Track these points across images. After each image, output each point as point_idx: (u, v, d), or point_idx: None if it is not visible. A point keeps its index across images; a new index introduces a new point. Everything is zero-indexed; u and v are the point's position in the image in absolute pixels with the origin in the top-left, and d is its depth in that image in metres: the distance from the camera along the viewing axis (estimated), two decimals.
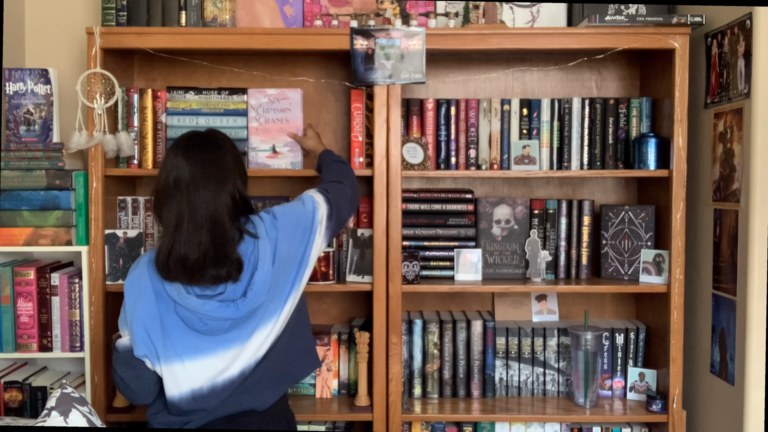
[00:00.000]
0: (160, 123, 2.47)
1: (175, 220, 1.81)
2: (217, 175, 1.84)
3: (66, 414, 1.85)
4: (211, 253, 1.80)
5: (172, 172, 1.83)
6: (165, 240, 1.83)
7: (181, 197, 1.81)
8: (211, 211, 1.81)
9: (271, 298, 1.89)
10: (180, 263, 1.79)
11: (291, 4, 2.52)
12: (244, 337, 1.88)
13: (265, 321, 1.90)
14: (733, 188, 2.25)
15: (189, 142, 1.89)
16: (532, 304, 2.69)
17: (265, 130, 2.46)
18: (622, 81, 2.68)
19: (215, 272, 1.81)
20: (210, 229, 1.80)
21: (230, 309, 1.84)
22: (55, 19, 2.68)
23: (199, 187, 1.81)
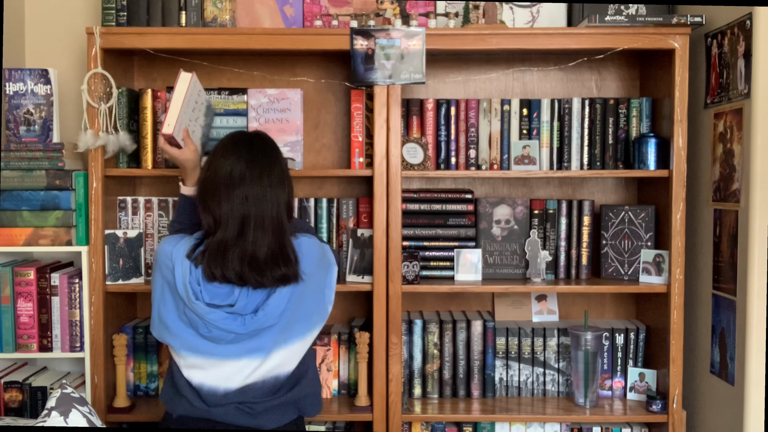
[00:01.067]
0: (160, 123, 2.47)
1: (239, 218, 1.81)
2: (276, 176, 1.87)
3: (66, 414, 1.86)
4: (278, 252, 1.82)
5: (229, 172, 1.83)
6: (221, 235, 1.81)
7: (242, 195, 1.82)
8: (275, 212, 1.84)
9: (282, 326, 1.88)
10: (248, 262, 1.80)
11: (291, 4, 2.52)
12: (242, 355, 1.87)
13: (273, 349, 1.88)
14: (733, 188, 2.25)
15: (248, 141, 1.90)
16: (532, 304, 2.69)
17: (265, 130, 2.46)
18: (622, 81, 2.69)
19: (282, 271, 1.82)
20: (273, 230, 1.83)
21: (237, 322, 1.84)
22: (55, 19, 2.68)
23: (265, 188, 1.83)
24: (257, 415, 1.91)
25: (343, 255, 2.53)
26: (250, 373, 1.89)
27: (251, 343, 1.87)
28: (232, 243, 1.81)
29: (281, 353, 1.90)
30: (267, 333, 1.87)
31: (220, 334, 1.85)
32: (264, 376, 1.90)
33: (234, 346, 1.87)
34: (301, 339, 1.93)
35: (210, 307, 1.83)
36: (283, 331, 1.89)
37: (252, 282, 1.82)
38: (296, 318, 1.91)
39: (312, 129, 2.68)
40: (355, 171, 2.46)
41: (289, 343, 1.90)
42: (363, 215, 2.54)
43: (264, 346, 1.88)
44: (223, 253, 1.81)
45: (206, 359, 1.88)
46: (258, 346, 1.87)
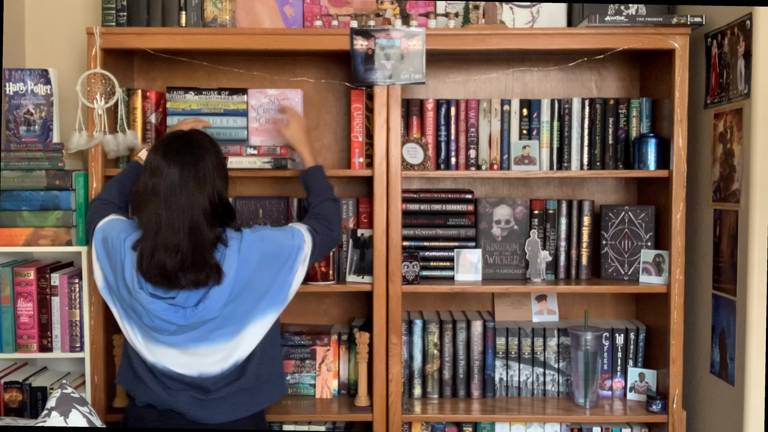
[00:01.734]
0: (149, 123, 2.47)
1: (156, 224, 1.82)
2: (196, 178, 1.84)
3: (66, 414, 1.86)
4: (189, 258, 1.81)
5: (150, 176, 1.84)
6: (145, 245, 1.84)
7: (159, 201, 1.82)
8: (190, 216, 1.81)
9: (226, 320, 1.89)
10: (158, 270, 1.81)
11: (291, 5, 2.52)
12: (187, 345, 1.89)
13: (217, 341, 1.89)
14: (733, 188, 2.25)
15: (169, 145, 1.89)
16: (532, 304, 2.69)
17: (265, 130, 2.46)
18: (622, 81, 2.69)
19: (194, 276, 1.82)
20: (188, 234, 1.81)
21: (179, 314, 1.85)
22: (55, 19, 2.68)
23: (177, 192, 1.82)
24: (209, 407, 1.93)
25: (343, 255, 2.53)
26: (197, 363, 1.91)
27: (195, 334, 1.88)
28: (149, 249, 1.82)
29: (229, 344, 1.91)
30: (210, 325, 1.88)
31: (161, 325, 1.87)
32: (212, 367, 1.91)
33: (177, 337, 1.89)
34: (249, 327, 1.93)
35: (152, 297, 1.85)
36: (227, 322, 1.89)
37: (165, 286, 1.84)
38: (243, 309, 1.91)
39: (312, 129, 2.68)
40: (355, 171, 2.46)
41: (235, 333, 1.91)
42: (363, 215, 2.54)
43: (207, 337, 1.89)
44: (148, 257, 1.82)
45: (153, 345, 1.91)
46: (202, 337, 1.89)
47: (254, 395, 1.98)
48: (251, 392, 1.98)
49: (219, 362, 1.92)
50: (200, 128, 2.19)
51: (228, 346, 1.91)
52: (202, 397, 1.93)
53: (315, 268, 2.45)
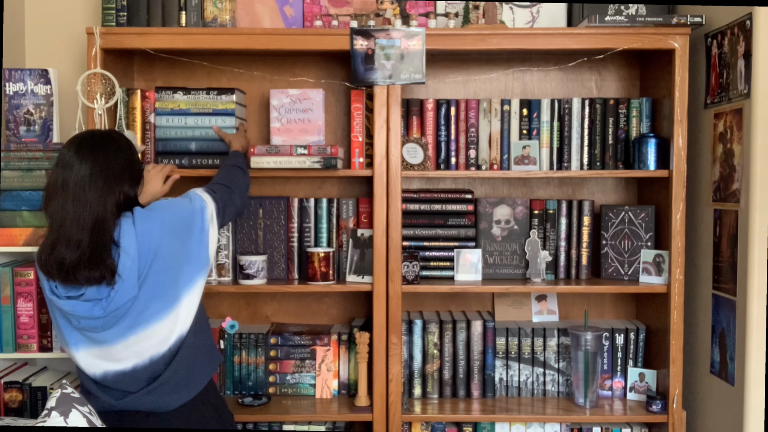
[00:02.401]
0: (149, 123, 2.47)
1: (60, 218, 1.82)
2: (105, 177, 1.83)
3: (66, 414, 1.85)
4: (87, 254, 1.80)
5: (62, 171, 1.84)
6: (47, 238, 1.84)
7: (67, 196, 1.81)
8: (96, 213, 1.81)
9: (151, 296, 1.87)
10: (56, 263, 1.81)
11: (291, 5, 2.52)
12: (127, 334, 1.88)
13: (153, 320, 1.88)
14: (733, 188, 2.25)
15: (83, 141, 1.88)
16: (532, 304, 2.69)
17: (287, 130, 2.46)
18: (622, 81, 2.69)
19: (88, 273, 1.81)
20: (91, 231, 1.81)
21: (97, 308, 1.85)
22: (55, 19, 2.68)
23: (85, 188, 1.81)
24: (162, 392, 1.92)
25: (343, 255, 2.54)
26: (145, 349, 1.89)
27: (127, 322, 1.87)
28: (50, 242, 1.82)
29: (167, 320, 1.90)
30: (136, 306, 1.86)
31: (87, 324, 1.86)
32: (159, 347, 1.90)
33: (111, 331, 1.87)
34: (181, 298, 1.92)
35: (67, 299, 1.85)
36: (154, 298, 1.88)
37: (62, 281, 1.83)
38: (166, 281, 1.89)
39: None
40: (355, 171, 2.46)
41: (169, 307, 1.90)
42: (363, 215, 2.54)
43: (140, 320, 1.87)
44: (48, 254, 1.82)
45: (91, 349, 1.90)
46: (135, 323, 1.87)
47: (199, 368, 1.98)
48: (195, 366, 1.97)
49: (164, 341, 1.90)
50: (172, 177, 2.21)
51: (167, 323, 1.90)
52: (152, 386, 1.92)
53: (315, 268, 2.45)
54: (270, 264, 2.52)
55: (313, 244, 2.55)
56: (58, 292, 1.86)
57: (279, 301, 2.73)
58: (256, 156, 2.36)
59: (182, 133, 2.46)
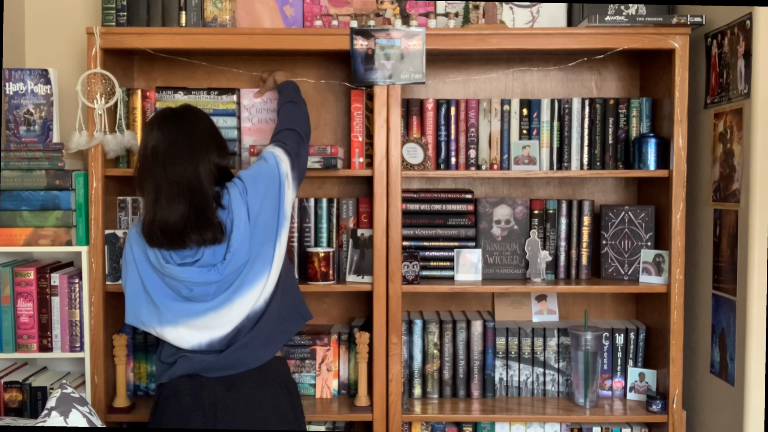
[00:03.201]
0: None
1: (155, 191, 1.88)
2: (190, 144, 1.91)
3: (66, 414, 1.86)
4: (192, 218, 1.86)
5: (148, 146, 1.92)
6: (148, 211, 1.89)
7: (158, 168, 1.88)
8: (188, 179, 1.87)
9: (256, 257, 1.95)
10: (160, 229, 1.86)
11: (291, 4, 2.52)
12: (233, 297, 1.94)
13: (255, 279, 1.95)
14: (733, 188, 2.25)
15: (164, 116, 1.97)
16: (532, 304, 2.69)
17: (258, 130, 2.46)
18: (622, 81, 2.69)
19: (199, 236, 1.87)
20: (188, 197, 1.87)
21: (212, 273, 1.91)
22: (55, 19, 2.68)
23: (174, 157, 1.89)
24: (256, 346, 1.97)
25: (343, 255, 2.53)
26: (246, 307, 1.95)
27: (236, 285, 1.94)
28: (151, 214, 1.88)
29: (264, 279, 1.97)
30: (246, 269, 1.94)
31: (201, 290, 1.91)
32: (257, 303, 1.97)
33: (220, 297, 1.93)
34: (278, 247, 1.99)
35: (181, 266, 1.90)
36: (257, 259, 1.96)
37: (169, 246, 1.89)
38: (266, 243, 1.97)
39: (312, 129, 2.67)
40: (355, 171, 2.46)
41: (267, 267, 1.97)
42: (363, 215, 2.54)
43: (245, 281, 1.94)
44: (150, 222, 1.88)
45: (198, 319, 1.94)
46: (241, 284, 1.94)
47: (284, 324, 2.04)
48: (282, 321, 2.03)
49: (260, 296, 1.96)
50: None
51: (263, 279, 1.97)
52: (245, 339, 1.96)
53: (315, 268, 2.45)
54: None
55: (313, 244, 2.55)
56: (172, 259, 1.91)
57: None
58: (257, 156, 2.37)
59: None
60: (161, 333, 1.97)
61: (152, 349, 2.56)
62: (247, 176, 2.01)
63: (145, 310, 1.97)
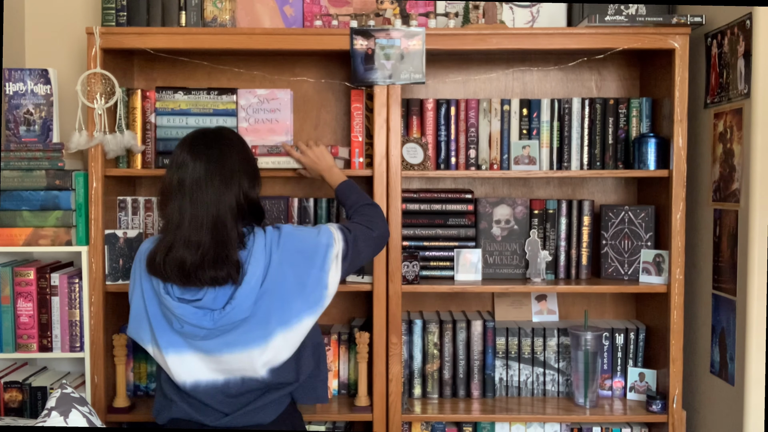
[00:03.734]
0: (149, 123, 2.48)
1: (178, 219, 1.78)
2: (221, 174, 1.80)
3: (66, 414, 1.86)
4: (210, 254, 1.76)
5: (176, 171, 1.81)
6: (165, 238, 1.80)
7: (183, 196, 1.79)
8: (214, 212, 1.78)
9: (258, 318, 1.83)
10: (176, 265, 1.77)
11: (291, 4, 2.52)
12: (221, 350, 1.83)
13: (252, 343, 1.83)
14: (733, 188, 2.25)
15: (195, 140, 1.86)
16: (532, 304, 2.69)
17: (254, 130, 2.46)
18: (622, 81, 2.69)
19: (214, 273, 1.77)
20: (211, 230, 1.77)
21: (206, 318, 1.80)
22: (55, 19, 2.68)
23: (202, 187, 1.78)
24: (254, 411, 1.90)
25: None
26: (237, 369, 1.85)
27: (228, 338, 1.82)
28: (167, 244, 1.79)
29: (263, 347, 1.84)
30: (242, 327, 1.82)
31: (191, 330, 1.81)
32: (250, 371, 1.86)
33: (209, 342, 1.83)
34: (285, 330, 1.85)
35: (179, 302, 1.81)
36: (259, 324, 1.83)
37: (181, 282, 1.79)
38: (273, 309, 1.84)
39: (312, 129, 2.68)
40: (355, 171, 2.45)
41: (272, 335, 1.84)
42: None
43: (240, 340, 1.83)
44: (164, 255, 1.79)
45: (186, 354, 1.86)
46: (234, 341, 1.83)
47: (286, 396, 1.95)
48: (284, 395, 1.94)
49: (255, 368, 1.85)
50: None
51: (257, 351, 1.84)
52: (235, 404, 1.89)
53: None
54: None
55: None
56: (172, 291, 1.81)
57: None
58: (257, 156, 2.36)
59: (183, 133, 2.45)
60: (155, 355, 1.90)
61: None
62: (287, 234, 1.88)
63: (145, 328, 1.90)
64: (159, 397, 1.97)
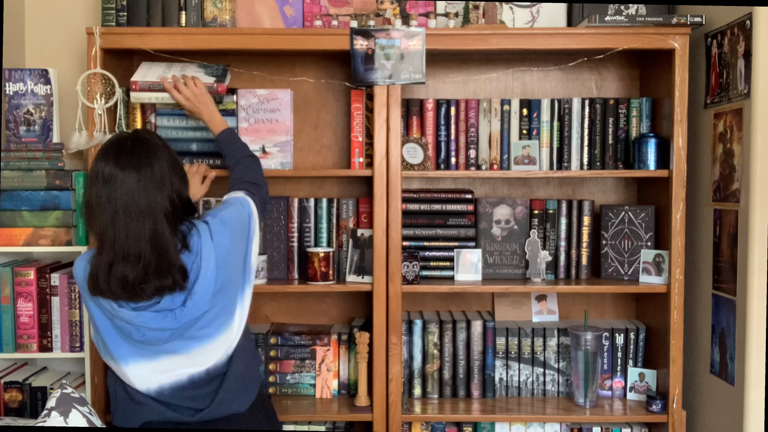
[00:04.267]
0: (149, 123, 2.48)
1: (113, 234, 1.72)
2: (153, 180, 1.74)
3: (66, 414, 1.86)
4: (153, 264, 1.73)
5: (104, 185, 1.73)
6: (102, 256, 1.74)
7: (115, 211, 1.72)
8: (151, 222, 1.73)
9: (217, 306, 1.84)
10: (119, 283, 1.73)
11: (291, 4, 2.52)
12: (189, 347, 1.84)
13: (215, 333, 1.85)
14: (733, 188, 2.25)
15: (119, 148, 1.78)
16: (532, 304, 2.69)
17: (255, 130, 2.46)
18: (622, 81, 2.69)
19: (159, 283, 1.74)
20: (150, 240, 1.73)
21: (168, 319, 1.78)
22: (55, 19, 2.68)
23: (135, 197, 1.72)
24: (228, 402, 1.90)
25: (343, 255, 2.53)
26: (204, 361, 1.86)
27: (193, 332, 1.82)
28: (106, 262, 1.73)
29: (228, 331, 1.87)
30: (204, 319, 1.82)
31: (154, 336, 1.79)
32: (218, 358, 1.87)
33: (175, 342, 1.82)
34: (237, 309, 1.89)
35: (136, 311, 1.77)
36: (221, 312, 1.85)
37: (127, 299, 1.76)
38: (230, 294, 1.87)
39: (312, 129, 2.68)
40: (355, 171, 2.46)
41: (230, 319, 1.87)
42: (363, 215, 2.54)
43: (205, 333, 1.84)
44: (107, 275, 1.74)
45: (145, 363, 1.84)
46: (202, 335, 1.83)
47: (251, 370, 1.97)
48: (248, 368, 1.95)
49: (221, 352, 1.87)
50: (209, 177, 2.23)
51: (225, 335, 1.87)
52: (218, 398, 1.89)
53: (315, 268, 2.45)
54: (270, 264, 2.52)
55: (313, 244, 2.55)
56: (126, 304, 1.77)
57: (279, 301, 2.73)
58: (138, 92, 2.28)
59: (183, 133, 2.47)
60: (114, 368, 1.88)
61: None
62: (229, 220, 1.88)
63: (99, 343, 1.88)
64: (123, 402, 1.91)
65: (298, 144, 2.65)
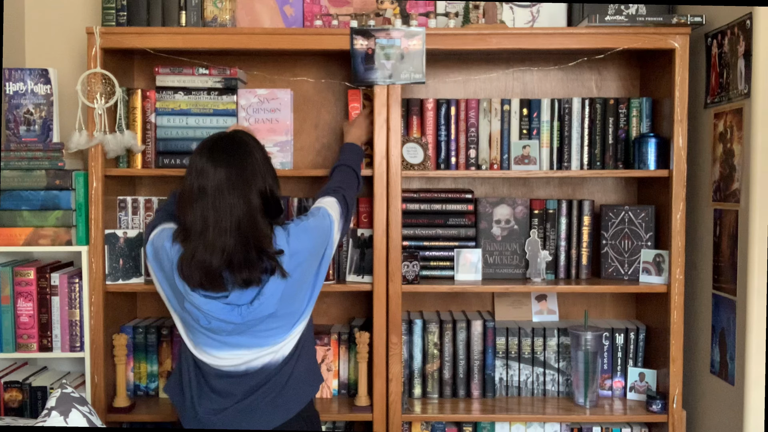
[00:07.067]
0: (149, 123, 2.48)
1: (201, 226, 1.80)
2: (244, 177, 1.82)
3: (66, 414, 1.86)
4: (238, 257, 1.78)
5: (197, 177, 1.82)
6: (188, 245, 1.82)
7: (206, 203, 1.80)
8: (239, 215, 1.79)
9: (284, 312, 1.89)
10: (201, 269, 1.79)
11: (291, 4, 2.52)
12: (250, 344, 1.89)
13: (278, 335, 1.91)
14: (733, 188, 2.25)
15: (214, 145, 1.87)
16: (532, 304, 2.69)
17: (255, 130, 2.46)
18: (622, 81, 2.69)
19: (247, 275, 1.80)
20: (237, 234, 1.79)
21: (234, 313, 1.84)
22: (55, 19, 2.68)
23: (225, 193, 1.79)
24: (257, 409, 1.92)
25: (343, 255, 2.53)
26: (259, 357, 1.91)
27: (255, 331, 1.88)
28: (191, 250, 1.80)
29: (286, 337, 1.93)
30: (269, 321, 1.88)
31: (219, 325, 1.86)
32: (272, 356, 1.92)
33: (238, 337, 1.88)
34: (305, 319, 1.97)
35: (206, 298, 1.83)
36: (285, 318, 1.90)
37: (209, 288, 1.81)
38: (298, 302, 1.92)
39: (312, 129, 2.68)
40: None
41: (291, 327, 1.93)
42: (363, 215, 2.54)
43: (268, 335, 1.89)
44: (188, 258, 1.81)
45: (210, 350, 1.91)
46: (262, 334, 1.89)
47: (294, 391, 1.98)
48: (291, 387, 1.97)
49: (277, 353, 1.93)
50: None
51: (281, 343, 1.92)
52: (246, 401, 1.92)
53: None
54: None
55: None
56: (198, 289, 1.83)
57: None
58: (161, 75, 2.44)
59: (183, 133, 2.47)
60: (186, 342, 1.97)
61: (152, 348, 2.56)
62: (311, 228, 1.95)
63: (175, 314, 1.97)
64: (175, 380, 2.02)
65: (298, 144, 2.65)
